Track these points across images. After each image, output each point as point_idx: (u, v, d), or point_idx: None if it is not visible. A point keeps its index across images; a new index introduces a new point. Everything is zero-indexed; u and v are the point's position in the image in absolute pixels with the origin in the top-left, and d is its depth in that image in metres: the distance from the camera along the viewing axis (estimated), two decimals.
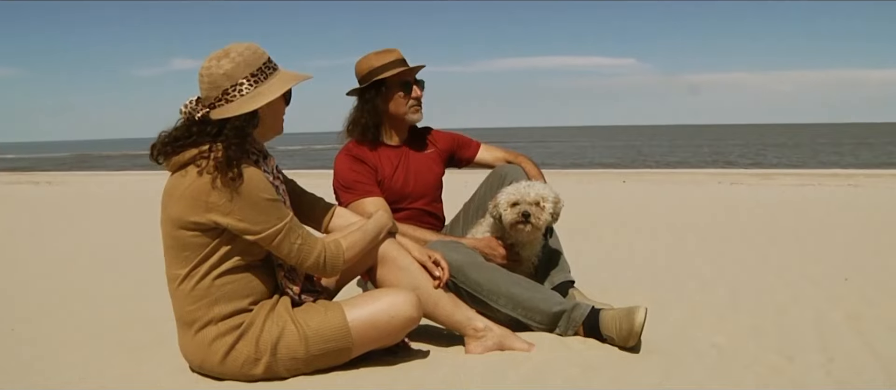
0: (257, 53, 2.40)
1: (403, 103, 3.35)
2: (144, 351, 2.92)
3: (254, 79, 2.37)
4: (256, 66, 2.38)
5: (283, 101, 2.49)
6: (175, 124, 2.42)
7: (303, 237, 2.41)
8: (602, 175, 17.69)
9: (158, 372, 2.65)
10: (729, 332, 2.94)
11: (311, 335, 2.40)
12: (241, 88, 2.34)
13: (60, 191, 14.28)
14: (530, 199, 3.06)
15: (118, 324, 3.39)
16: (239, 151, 2.31)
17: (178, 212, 2.33)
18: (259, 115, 2.39)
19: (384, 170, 3.35)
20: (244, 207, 2.29)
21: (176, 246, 2.38)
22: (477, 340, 2.67)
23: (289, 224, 2.38)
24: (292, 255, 2.39)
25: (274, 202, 2.36)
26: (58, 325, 3.44)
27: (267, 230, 2.33)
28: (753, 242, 5.59)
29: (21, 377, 2.69)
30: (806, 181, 13.16)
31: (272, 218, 2.34)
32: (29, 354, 2.97)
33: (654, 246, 5.53)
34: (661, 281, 4.12)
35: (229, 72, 2.34)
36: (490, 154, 3.65)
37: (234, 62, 2.35)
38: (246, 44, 2.41)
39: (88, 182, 18.19)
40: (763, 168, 21.61)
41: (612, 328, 2.68)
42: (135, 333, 3.21)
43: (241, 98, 2.34)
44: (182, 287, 2.39)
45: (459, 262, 2.85)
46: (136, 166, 30.31)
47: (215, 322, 2.38)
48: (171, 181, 2.38)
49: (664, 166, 25.08)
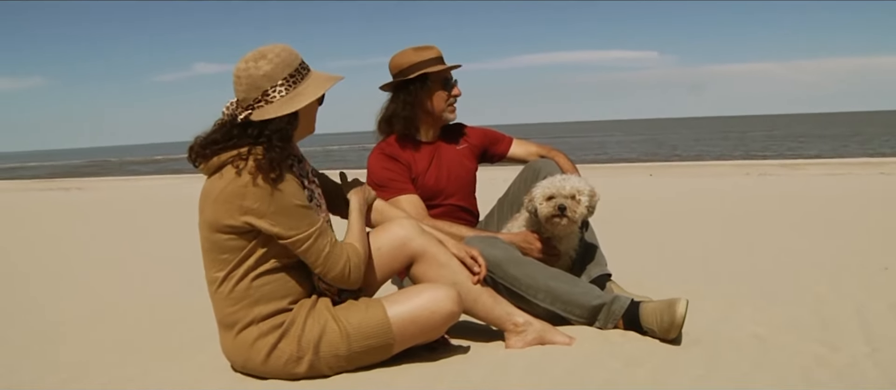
0: (293, 55, 2.42)
1: (443, 100, 3.35)
2: (187, 352, 2.96)
3: (292, 80, 2.38)
4: (293, 67, 2.40)
5: (318, 102, 2.50)
6: (212, 127, 2.44)
7: (331, 245, 2.42)
8: (628, 169, 17.59)
9: (202, 372, 2.68)
10: (768, 323, 2.90)
11: (353, 332, 2.41)
12: (280, 89, 2.36)
13: (91, 197, 14.48)
14: (566, 193, 3.05)
15: (160, 325, 3.44)
16: (282, 153, 2.33)
17: (214, 216, 2.35)
18: (298, 117, 2.41)
19: (418, 167, 3.35)
20: (278, 212, 2.31)
21: (213, 249, 2.40)
22: (517, 335, 2.67)
23: (319, 229, 2.39)
24: (319, 262, 2.40)
25: (306, 208, 2.38)
26: (100, 327, 3.50)
27: (298, 235, 2.35)
28: (785, 233, 5.53)
29: (67, 379, 2.73)
30: (835, 170, 12.99)
31: (303, 223, 2.36)
32: (74, 356, 3.02)
33: (684, 238, 5.49)
34: (695, 273, 4.08)
35: (269, 73, 2.35)
36: (523, 149, 3.64)
37: (273, 63, 2.36)
38: (281, 45, 2.42)
39: (118, 187, 18.45)
40: (791, 158, 21.33)
41: (652, 320, 2.67)
42: (177, 334, 3.26)
43: (282, 99, 2.36)
44: (221, 289, 2.41)
45: (497, 257, 2.85)
46: (163, 171, 30.65)
47: (256, 322, 2.40)
48: (208, 184, 2.41)
49: (690, 159, 24.87)
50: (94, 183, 21.86)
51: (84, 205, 12.37)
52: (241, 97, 2.39)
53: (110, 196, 14.61)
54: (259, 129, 2.35)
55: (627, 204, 7.87)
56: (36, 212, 11.13)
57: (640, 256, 4.70)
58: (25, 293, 4.54)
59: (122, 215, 9.99)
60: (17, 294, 4.55)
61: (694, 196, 9.00)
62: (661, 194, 9.46)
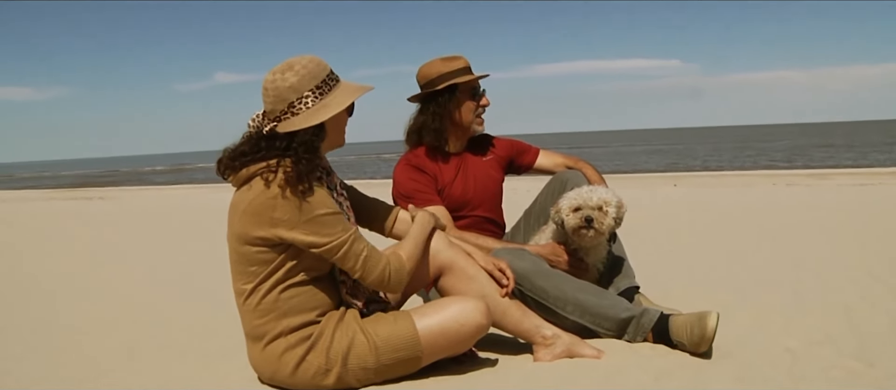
0: (321, 66, 2.44)
1: (472, 111, 3.36)
2: (214, 362, 2.99)
3: (319, 91, 2.40)
4: (321, 78, 2.42)
5: (347, 113, 2.52)
6: (240, 139, 2.47)
7: (368, 249, 2.44)
8: (652, 179, 17.50)
9: (228, 381, 2.71)
10: (801, 337, 2.87)
11: (381, 344, 2.42)
12: (306, 101, 2.38)
13: (115, 207, 14.66)
14: (593, 204, 3.04)
15: (188, 336, 3.47)
16: (309, 166, 2.35)
17: (242, 228, 2.37)
18: (325, 128, 2.43)
19: (444, 178, 3.36)
20: (309, 222, 2.32)
21: (242, 261, 2.42)
22: (546, 348, 2.66)
23: (353, 236, 2.41)
24: (357, 268, 2.41)
25: (337, 215, 2.39)
26: (125, 335, 3.55)
27: (333, 242, 2.36)
28: (815, 243, 5.47)
29: (96, 386, 2.77)
30: (864, 180, 12.84)
31: (337, 229, 2.37)
32: (102, 364, 3.06)
33: (711, 249, 5.45)
34: (723, 284, 4.05)
35: (295, 85, 2.38)
36: (550, 159, 3.64)
37: (299, 75, 2.38)
38: (309, 56, 2.44)
39: (140, 196, 18.67)
40: (819, 168, 21.11)
41: (682, 333, 2.65)
42: (204, 344, 3.29)
43: (308, 111, 2.38)
44: (249, 301, 2.42)
45: (525, 270, 2.85)
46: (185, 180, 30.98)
47: (284, 334, 2.41)
48: (237, 196, 2.43)
49: (715, 169, 24.70)
50: (116, 192, 22.15)
51: (107, 214, 12.53)
52: (268, 109, 2.42)
53: (133, 205, 14.78)
54: (286, 141, 2.37)
55: (653, 215, 7.83)
56: (59, 222, 11.27)
57: (668, 268, 4.68)
58: (48, 301, 4.61)
59: (146, 225, 10.10)
60: (37, 301, 4.62)
61: (720, 207, 8.93)
62: (686, 205, 9.39)
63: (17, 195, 23.28)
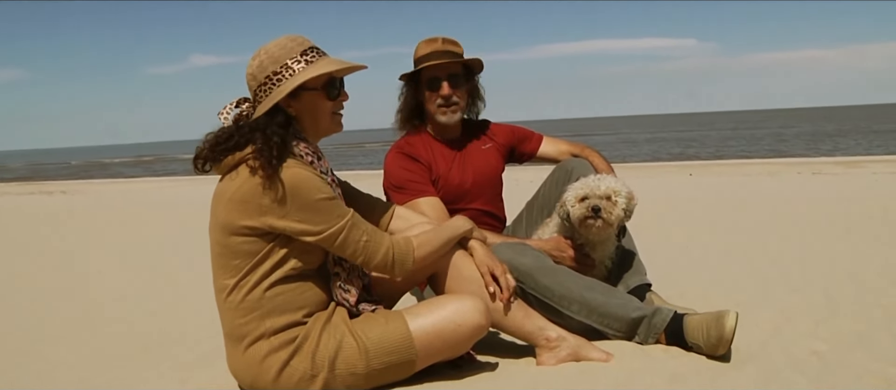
0: (304, 40, 2.49)
1: (432, 101, 3.38)
2: (190, 370, 2.99)
3: (304, 58, 2.44)
4: (305, 46, 2.47)
5: (325, 95, 2.51)
6: (217, 130, 2.49)
7: (368, 233, 2.46)
8: (665, 168, 17.56)
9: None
10: (829, 338, 2.89)
11: (372, 347, 2.43)
12: (290, 69, 2.42)
13: (77, 201, 14.61)
14: (600, 193, 3.05)
15: (161, 341, 3.48)
16: (283, 142, 2.37)
17: (228, 217, 2.38)
18: (300, 103, 2.46)
19: (438, 168, 3.37)
20: (301, 209, 2.35)
21: (225, 254, 2.43)
22: (550, 351, 2.67)
23: (351, 220, 2.44)
24: (358, 253, 2.44)
25: (332, 200, 2.41)
26: (97, 343, 3.55)
27: (328, 229, 2.38)
28: (845, 238, 5.48)
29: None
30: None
31: (333, 216, 2.40)
32: (69, 374, 3.07)
33: (731, 244, 5.47)
34: (744, 282, 4.07)
35: (276, 55, 2.43)
36: (554, 147, 3.65)
37: (282, 46, 2.45)
38: (288, 36, 2.50)
39: (107, 190, 18.64)
40: (849, 155, 21.16)
41: (698, 335, 2.66)
42: (179, 350, 3.29)
43: (290, 78, 2.42)
44: (231, 298, 2.43)
45: (528, 266, 2.86)
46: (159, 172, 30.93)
47: (267, 336, 2.42)
48: (221, 185, 2.45)
49: (734, 156, 24.76)
50: (80, 186, 22.10)
51: (69, 209, 12.48)
52: (251, 84, 2.48)
53: (99, 200, 14.74)
54: (266, 121, 2.40)
55: (666, 207, 7.84)
56: (16, 218, 11.25)
57: (682, 263, 4.70)
58: (6, 306, 4.59)
59: (112, 221, 10.07)
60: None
61: (740, 198, 8.94)
62: (702, 196, 9.41)
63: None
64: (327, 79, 2.49)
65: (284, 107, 2.44)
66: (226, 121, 2.49)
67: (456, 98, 3.37)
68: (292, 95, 2.43)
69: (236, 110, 2.51)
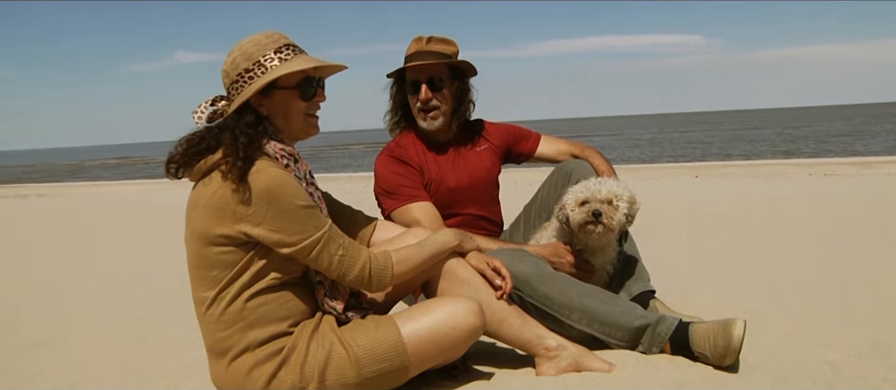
0: (281, 36, 2.47)
1: (414, 104, 3.38)
2: (174, 379, 2.99)
3: (279, 55, 2.42)
4: (281, 43, 2.44)
5: (299, 94, 2.48)
6: (189, 134, 2.47)
7: (344, 247, 2.44)
8: (670, 169, 17.57)
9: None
10: (844, 348, 2.89)
11: (363, 355, 2.41)
12: (263, 66, 2.40)
13: (56, 205, 14.61)
14: (601, 197, 3.05)
15: (138, 353, 3.46)
16: (249, 141, 2.34)
17: (204, 226, 2.36)
18: (272, 102, 2.44)
19: (431, 171, 3.37)
20: (277, 216, 2.32)
21: (203, 265, 2.41)
22: (549, 360, 2.67)
23: (328, 233, 2.41)
24: (333, 268, 2.42)
25: (310, 209, 2.39)
26: (78, 352, 3.54)
27: (303, 241, 2.36)
28: (860, 242, 5.49)
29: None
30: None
31: (309, 227, 2.37)
32: (49, 383, 3.07)
33: (740, 248, 5.48)
34: (754, 288, 4.08)
35: (249, 51, 2.41)
36: (552, 147, 3.65)
37: (256, 43, 2.43)
38: (265, 32, 2.48)
39: (87, 194, 18.59)
40: (863, 155, 21.19)
41: (704, 344, 2.66)
42: (159, 362, 3.28)
43: (264, 74, 2.40)
44: (211, 311, 2.42)
45: (525, 273, 2.86)
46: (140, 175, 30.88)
47: (252, 348, 2.40)
48: (195, 192, 2.43)
49: (742, 157, 24.81)
50: (57, 189, 22.04)
51: (45, 214, 12.46)
52: (225, 82, 2.46)
53: (76, 204, 14.72)
54: (233, 123, 2.38)
55: (671, 210, 7.86)
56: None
57: (688, 270, 4.70)
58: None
59: (90, 226, 10.05)
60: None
61: (748, 200, 8.96)
62: (709, 198, 9.43)
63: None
64: (302, 78, 2.46)
65: (255, 105, 2.42)
66: (200, 121, 2.47)
67: (436, 102, 3.34)
68: (264, 93, 2.42)
69: (211, 108, 2.49)
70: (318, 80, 2.53)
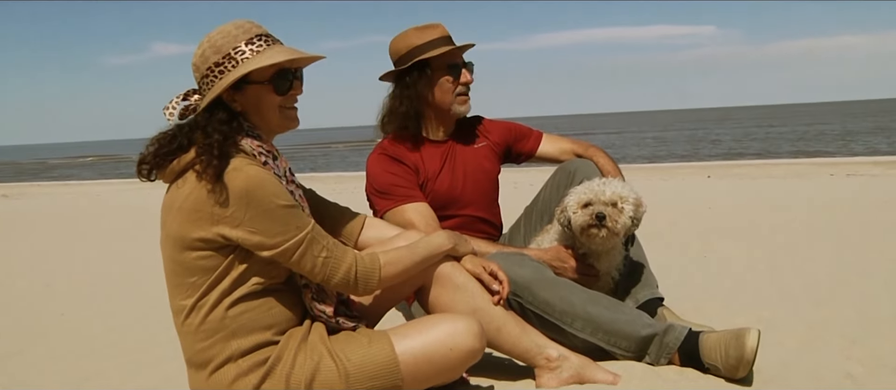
0: (254, 26, 2.44)
1: (450, 90, 3.38)
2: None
3: (251, 47, 2.39)
4: (253, 33, 2.42)
5: (272, 88, 2.45)
6: (160, 133, 2.45)
7: (328, 248, 2.43)
8: (681, 169, 17.60)
9: None
10: (865, 360, 2.90)
11: (354, 371, 2.41)
12: (227, 64, 2.38)
13: (22, 206, 14.56)
14: (605, 199, 3.06)
15: (113, 363, 3.47)
16: (223, 138, 2.33)
17: (180, 230, 2.36)
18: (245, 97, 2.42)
19: (427, 171, 3.38)
20: (256, 217, 2.31)
21: (180, 271, 2.40)
22: (551, 371, 2.68)
23: (310, 233, 2.40)
24: (317, 271, 2.42)
25: (291, 209, 2.38)
26: (54, 359, 3.55)
27: (285, 243, 2.36)
28: (883, 247, 5.49)
29: None
30: None
31: (291, 227, 2.37)
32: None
33: (754, 253, 5.49)
34: (769, 295, 4.09)
35: (218, 43, 2.38)
36: (555, 146, 3.66)
37: (226, 34, 2.40)
38: (239, 20, 2.45)
39: (56, 194, 18.53)
40: (887, 154, 21.20)
41: (716, 355, 2.67)
42: (136, 373, 3.29)
43: (235, 68, 2.37)
44: (190, 321, 2.41)
45: (526, 278, 2.87)
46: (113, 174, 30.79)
47: (234, 359, 2.39)
48: (169, 194, 2.42)
49: (757, 156, 24.83)
50: (27, 188, 21.97)
51: (14, 215, 12.43)
52: (196, 76, 2.45)
53: (48, 204, 14.68)
54: (205, 120, 2.37)
55: (681, 212, 7.87)
56: None
57: (699, 275, 4.72)
58: None
59: (62, 228, 10.03)
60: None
61: (763, 202, 8.96)
62: (721, 200, 9.42)
63: None
64: (276, 71, 2.43)
65: (228, 101, 2.41)
66: (172, 118, 2.44)
67: (470, 85, 3.44)
68: (236, 88, 2.40)
69: (184, 103, 2.45)
70: (295, 71, 2.50)
